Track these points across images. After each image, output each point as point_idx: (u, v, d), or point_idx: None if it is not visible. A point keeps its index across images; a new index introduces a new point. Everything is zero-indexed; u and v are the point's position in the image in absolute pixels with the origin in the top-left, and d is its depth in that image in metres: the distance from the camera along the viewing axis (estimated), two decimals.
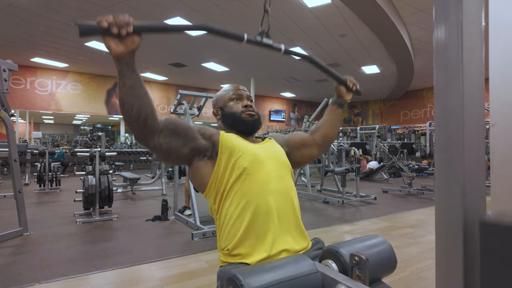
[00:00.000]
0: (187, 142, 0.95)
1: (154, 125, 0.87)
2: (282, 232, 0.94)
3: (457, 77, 0.41)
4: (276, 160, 1.04)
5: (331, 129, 1.26)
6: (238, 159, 0.97)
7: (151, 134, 0.87)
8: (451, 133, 0.42)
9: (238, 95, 1.13)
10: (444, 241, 0.42)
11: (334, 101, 1.26)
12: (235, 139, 1.02)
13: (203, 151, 0.99)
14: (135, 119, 0.83)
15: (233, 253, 0.93)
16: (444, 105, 0.43)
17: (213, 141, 1.00)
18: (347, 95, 1.22)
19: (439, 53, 0.43)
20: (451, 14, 0.42)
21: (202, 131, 1.01)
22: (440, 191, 0.43)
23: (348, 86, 1.21)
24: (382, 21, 6.63)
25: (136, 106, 0.82)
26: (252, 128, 1.10)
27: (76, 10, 6.62)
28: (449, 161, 0.42)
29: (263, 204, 0.94)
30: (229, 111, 1.11)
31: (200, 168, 1.00)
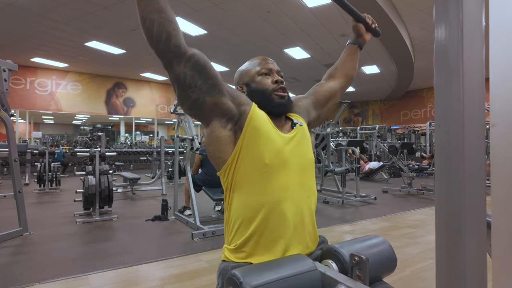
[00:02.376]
0: (213, 91, 0.85)
1: (181, 47, 0.79)
2: (296, 241, 0.89)
3: (457, 77, 0.41)
4: (301, 158, 0.94)
5: (352, 69, 1.19)
6: (261, 149, 0.86)
7: (177, 58, 0.79)
8: (451, 133, 0.42)
9: (267, 69, 1.00)
10: (444, 241, 0.42)
11: (354, 41, 1.19)
12: (264, 122, 0.90)
13: (227, 114, 0.87)
14: (157, 38, 0.76)
15: (240, 250, 0.88)
16: (444, 105, 0.43)
17: (242, 112, 0.88)
18: (366, 34, 1.17)
19: (439, 53, 0.43)
20: (452, 14, 0.42)
21: (233, 93, 0.89)
22: (440, 191, 0.43)
23: (367, 23, 1.15)
24: (382, 21, 6.63)
25: (157, 21, 0.76)
26: (283, 109, 0.98)
27: (76, 10, 6.62)
28: (449, 161, 0.42)
29: (278, 208, 0.86)
30: (257, 87, 0.98)
31: (220, 139, 0.88)
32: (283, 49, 9.02)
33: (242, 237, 0.88)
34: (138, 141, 14.17)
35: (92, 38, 8.32)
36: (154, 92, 13.82)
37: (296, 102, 1.09)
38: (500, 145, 0.43)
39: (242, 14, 6.81)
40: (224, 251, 0.93)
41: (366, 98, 16.84)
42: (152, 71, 11.87)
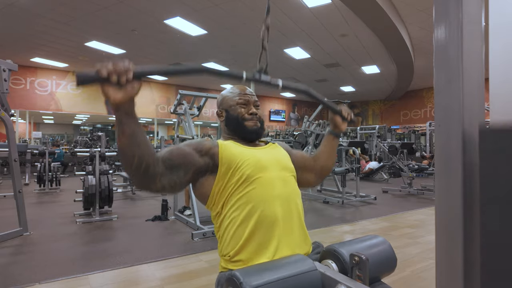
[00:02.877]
0: (188, 170, 0.93)
1: (156, 171, 0.85)
2: (286, 238, 0.93)
3: (457, 77, 0.41)
4: (279, 164, 1.03)
5: (327, 160, 1.25)
6: (239, 167, 0.96)
7: (153, 181, 0.85)
8: (451, 133, 0.42)
9: (245, 100, 1.11)
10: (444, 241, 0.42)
11: (330, 131, 1.26)
12: (234, 148, 1.01)
13: (204, 170, 0.97)
14: (136, 169, 0.81)
15: (234, 259, 0.92)
16: (444, 105, 0.43)
17: (212, 155, 0.98)
18: (342, 124, 1.23)
19: (439, 53, 0.43)
20: (451, 14, 0.42)
21: (199, 148, 0.98)
22: (440, 191, 0.43)
23: (343, 116, 1.21)
24: (382, 21, 6.62)
25: (138, 155, 0.79)
26: (255, 136, 1.10)
27: (76, 10, 6.62)
28: (449, 161, 0.42)
29: (268, 210, 0.93)
30: (234, 115, 1.09)
31: (202, 184, 0.99)
32: (283, 49, 9.02)
33: (237, 245, 0.92)
34: None
35: (92, 38, 8.32)
36: (154, 92, 13.81)
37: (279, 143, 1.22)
38: None
39: (242, 14, 6.81)
40: (220, 263, 0.98)
41: (366, 98, 16.84)
42: None
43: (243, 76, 0.90)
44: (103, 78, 0.70)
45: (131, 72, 0.73)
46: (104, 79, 0.70)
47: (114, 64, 0.70)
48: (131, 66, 0.73)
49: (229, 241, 0.94)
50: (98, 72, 0.69)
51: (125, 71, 0.71)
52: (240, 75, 0.89)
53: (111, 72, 0.70)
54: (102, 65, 0.70)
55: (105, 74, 0.69)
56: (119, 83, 0.71)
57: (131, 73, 0.73)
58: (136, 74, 0.74)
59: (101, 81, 0.70)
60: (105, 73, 0.69)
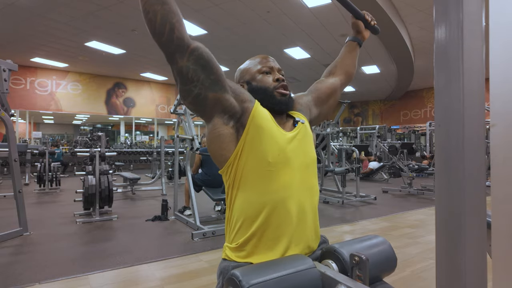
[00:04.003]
0: (215, 86, 0.83)
1: (184, 40, 0.78)
2: (298, 239, 0.88)
3: (457, 77, 0.41)
4: (304, 157, 0.93)
5: (351, 66, 1.17)
6: (264, 148, 0.85)
7: (180, 51, 0.78)
8: (451, 133, 0.42)
9: (268, 67, 1.00)
10: (444, 241, 0.42)
11: (353, 38, 1.19)
12: (267, 120, 0.89)
13: (229, 111, 0.86)
14: (160, 30, 0.75)
15: (241, 249, 0.87)
16: (444, 105, 0.43)
17: (244, 109, 0.88)
18: (365, 31, 1.17)
19: (439, 53, 0.43)
20: (452, 14, 0.42)
21: (235, 90, 0.88)
22: (440, 191, 0.43)
23: (366, 20, 1.15)
24: (382, 21, 6.62)
25: (160, 13, 0.74)
26: (285, 107, 0.97)
27: (76, 10, 6.62)
28: (449, 161, 0.42)
29: (282, 207, 0.86)
30: (259, 85, 0.97)
31: (222, 136, 0.87)
32: (283, 49, 9.02)
33: (244, 236, 0.87)
34: (138, 141, 14.17)
35: (92, 38, 8.32)
36: (154, 92, 13.82)
37: (297, 99, 1.08)
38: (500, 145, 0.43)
39: (242, 14, 6.81)
40: (225, 250, 0.92)
41: (366, 98, 16.84)
42: (152, 71, 11.86)
43: None
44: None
45: None
46: None
47: None
48: None
49: (238, 228, 0.88)
50: None
51: None
52: None
53: None
54: None
55: None
56: None
57: None
58: None
59: None
60: None
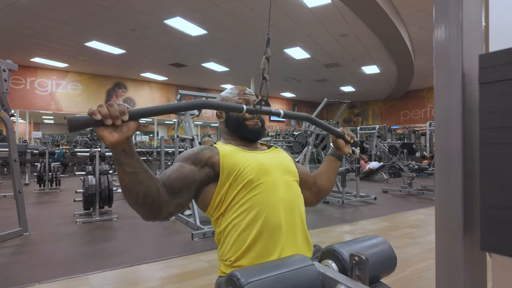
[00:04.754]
0: (190, 189, 0.92)
1: (161, 202, 0.83)
2: (289, 245, 0.92)
3: (457, 77, 0.41)
4: (282, 168, 1.01)
5: (327, 182, 1.23)
6: (242, 172, 0.94)
7: (160, 211, 0.84)
8: (451, 133, 0.42)
9: (244, 100, 1.09)
10: (444, 241, 0.42)
11: (333, 153, 1.24)
12: (236, 153, 0.98)
13: (206, 181, 0.95)
14: (142, 204, 0.80)
15: (235, 264, 0.91)
16: (444, 105, 0.43)
17: (212, 164, 0.96)
18: (345, 147, 1.21)
19: (439, 53, 0.43)
20: (451, 14, 0.42)
21: (198, 160, 0.95)
22: (440, 191, 0.43)
23: (346, 139, 1.20)
24: (382, 21, 6.63)
25: (142, 191, 0.78)
26: (256, 136, 1.08)
27: (76, 10, 6.62)
28: (449, 161, 0.42)
29: (272, 216, 0.91)
30: (233, 116, 1.07)
31: (203, 193, 0.97)
32: (283, 49, 9.02)
33: (237, 253, 0.91)
34: (138, 141, 14.17)
35: (92, 38, 8.32)
36: (154, 92, 13.82)
37: None
38: None
39: (242, 14, 6.81)
40: (220, 267, 0.96)
41: (366, 98, 16.84)
42: (152, 71, 11.86)
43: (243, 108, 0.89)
44: (96, 121, 0.67)
45: (127, 115, 0.70)
46: (97, 123, 0.68)
47: (108, 107, 0.68)
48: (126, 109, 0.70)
49: (231, 246, 0.92)
50: (92, 115, 0.67)
51: (120, 113, 0.69)
52: (241, 108, 0.89)
53: (105, 115, 0.67)
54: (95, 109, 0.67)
55: (99, 118, 0.67)
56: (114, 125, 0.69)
57: (127, 116, 0.70)
58: (132, 116, 0.71)
59: (95, 125, 0.68)
60: (99, 117, 0.67)
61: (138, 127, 0.75)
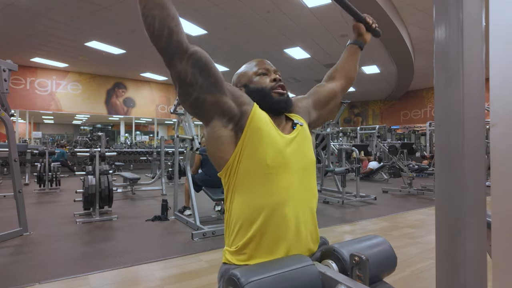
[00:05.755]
0: (214, 89, 0.83)
1: (183, 43, 0.77)
2: (298, 243, 0.88)
3: (457, 77, 0.41)
4: (303, 159, 0.94)
5: (352, 70, 1.16)
6: (263, 150, 0.86)
7: (179, 55, 0.78)
8: (451, 133, 0.42)
9: (265, 69, 1.00)
10: (444, 241, 0.42)
11: (354, 41, 1.17)
12: (265, 122, 0.89)
13: (228, 114, 0.86)
14: (159, 35, 0.75)
15: (242, 251, 0.87)
16: (444, 105, 0.43)
17: (243, 111, 0.88)
18: (366, 34, 1.15)
19: (439, 53, 0.43)
20: (452, 14, 0.42)
21: (234, 93, 0.88)
22: (440, 191, 0.43)
23: (367, 22, 1.13)
24: (382, 21, 6.62)
25: (158, 17, 0.74)
26: (284, 106, 0.97)
27: (76, 10, 6.62)
28: (449, 161, 0.42)
29: (281, 210, 0.86)
30: (256, 86, 0.97)
31: (221, 139, 0.87)
32: (283, 49, 9.02)
33: (243, 239, 0.87)
34: (138, 141, 14.17)
35: (92, 38, 8.32)
36: (154, 92, 13.82)
37: (296, 102, 1.08)
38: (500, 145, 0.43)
39: (242, 14, 6.81)
40: (225, 254, 0.92)
41: (366, 98, 16.84)
42: (152, 71, 11.86)
43: None
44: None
45: None
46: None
47: None
48: None
49: (238, 231, 0.88)
50: None
51: None
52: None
53: None
54: None
55: None
56: None
57: None
58: None
59: None
60: None
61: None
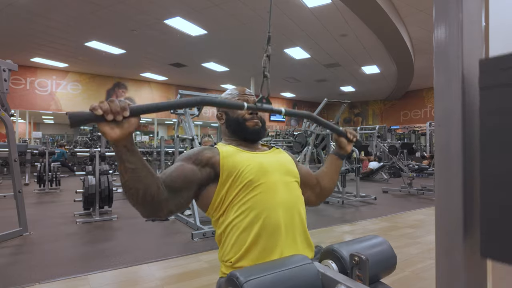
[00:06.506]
0: (190, 189, 0.92)
1: (160, 199, 0.83)
2: (289, 246, 0.92)
3: (457, 77, 0.41)
4: (282, 168, 1.02)
5: (329, 182, 1.22)
6: (242, 173, 0.94)
7: (159, 208, 0.84)
8: (451, 133, 0.42)
9: (244, 100, 1.09)
10: (444, 241, 0.42)
11: (335, 152, 1.24)
12: (236, 155, 0.99)
13: (206, 181, 0.95)
14: (142, 202, 0.80)
15: (236, 265, 0.91)
16: (444, 105, 0.43)
17: (212, 164, 0.96)
18: (348, 146, 1.21)
19: (439, 53, 0.43)
20: (451, 14, 0.42)
21: (199, 159, 0.95)
22: (440, 191, 0.43)
23: (348, 137, 1.19)
24: (382, 21, 6.62)
25: (142, 189, 0.78)
26: (256, 137, 1.08)
27: (76, 10, 6.62)
28: (449, 161, 0.42)
29: (272, 217, 0.91)
30: (234, 117, 1.07)
31: (203, 194, 0.97)
32: (283, 49, 9.01)
33: (237, 254, 0.91)
34: (138, 141, 14.16)
35: (92, 38, 8.31)
36: (154, 92, 13.82)
37: None
38: None
39: (242, 14, 6.81)
40: (221, 268, 0.96)
41: (366, 98, 16.83)
42: (152, 71, 11.85)
43: (244, 106, 0.91)
44: (97, 117, 0.68)
45: (127, 111, 0.71)
46: (98, 118, 0.68)
47: (110, 103, 0.69)
48: (127, 105, 0.71)
49: (231, 247, 0.92)
50: (93, 110, 0.68)
51: (121, 109, 0.69)
52: (242, 105, 0.91)
53: (106, 111, 0.68)
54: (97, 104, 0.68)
55: (100, 113, 0.68)
56: (115, 121, 0.70)
57: (127, 112, 0.71)
58: (132, 112, 0.72)
59: (96, 120, 0.68)
60: (100, 112, 0.68)
61: (139, 124, 0.75)
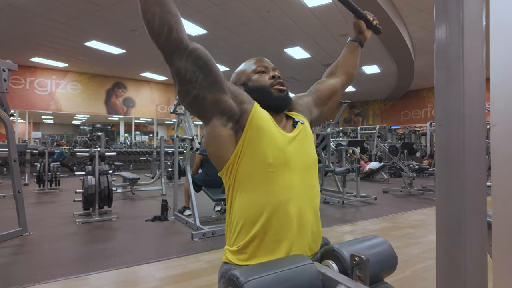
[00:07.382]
0: (214, 88, 0.82)
1: (182, 41, 0.77)
2: (299, 242, 0.87)
3: (457, 77, 0.41)
4: (304, 158, 0.92)
5: (352, 67, 1.14)
6: (264, 149, 0.84)
7: (178, 52, 0.77)
8: (452, 133, 0.42)
9: (263, 66, 0.99)
10: (444, 241, 0.42)
11: (354, 38, 1.16)
12: (267, 121, 0.88)
13: (227, 112, 0.85)
14: (158, 31, 0.75)
15: (243, 251, 0.86)
16: (445, 105, 0.43)
17: (243, 110, 0.86)
18: (367, 31, 1.14)
19: (439, 53, 0.43)
20: (452, 14, 0.42)
21: (234, 91, 0.87)
22: (440, 191, 0.43)
23: (368, 20, 1.12)
24: (382, 21, 6.62)
25: (158, 14, 0.74)
26: (284, 103, 0.95)
27: (76, 10, 6.62)
28: (449, 161, 0.42)
29: (282, 209, 0.84)
30: (255, 84, 0.96)
31: (221, 138, 0.86)
32: (283, 49, 9.02)
33: (245, 238, 0.86)
34: (138, 141, 14.17)
35: (92, 38, 8.32)
36: (154, 92, 13.82)
37: (297, 100, 1.07)
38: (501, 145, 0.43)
39: (242, 14, 6.81)
40: (225, 253, 0.91)
41: (367, 98, 16.84)
42: (152, 71, 11.86)
43: None
44: None
45: None
46: None
47: None
48: None
49: (239, 230, 0.87)
50: None
51: None
52: None
53: None
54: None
55: None
56: None
57: None
58: None
59: None
60: None
61: None
